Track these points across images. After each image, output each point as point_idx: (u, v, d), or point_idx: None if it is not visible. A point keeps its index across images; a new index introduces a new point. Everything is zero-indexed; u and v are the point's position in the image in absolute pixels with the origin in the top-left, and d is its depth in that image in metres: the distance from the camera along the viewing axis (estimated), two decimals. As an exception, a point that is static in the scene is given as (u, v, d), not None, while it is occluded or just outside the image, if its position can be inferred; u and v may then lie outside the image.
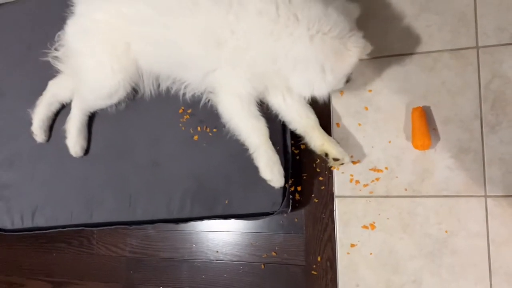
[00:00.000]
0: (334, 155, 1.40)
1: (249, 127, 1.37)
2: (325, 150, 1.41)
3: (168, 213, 1.53)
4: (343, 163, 1.41)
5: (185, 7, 1.31)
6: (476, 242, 1.31)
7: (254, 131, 1.36)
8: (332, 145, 1.40)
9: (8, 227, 1.75)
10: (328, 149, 1.40)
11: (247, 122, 1.36)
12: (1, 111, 1.79)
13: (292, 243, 1.52)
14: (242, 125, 1.37)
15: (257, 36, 1.25)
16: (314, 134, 1.41)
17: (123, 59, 1.43)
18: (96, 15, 1.43)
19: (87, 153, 1.64)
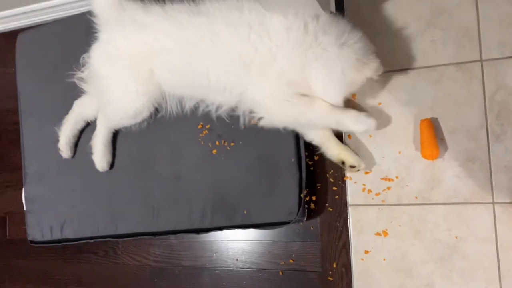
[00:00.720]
0: (351, 162, 1.46)
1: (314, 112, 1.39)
2: (342, 159, 1.47)
3: (190, 224, 1.60)
4: (359, 170, 1.47)
5: (206, 37, 1.39)
6: (485, 247, 1.36)
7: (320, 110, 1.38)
8: (348, 153, 1.46)
9: (38, 239, 1.84)
10: (345, 157, 1.46)
11: (309, 112, 1.38)
12: (30, 130, 1.89)
13: (309, 250, 1.58)
14: (308, 118, 1.39)
15: (286, 48, 1.33)
16: (330, 144, 1.47)
17: (147, 83, 1.50)
18: (120, 44, 1.51)
19: (112, 168, 1.73)
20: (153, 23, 1.47)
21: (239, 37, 1.36)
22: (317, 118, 1.39)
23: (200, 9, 1.44)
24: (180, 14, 1.44)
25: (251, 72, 1.37)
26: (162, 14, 1.47)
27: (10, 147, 2.11)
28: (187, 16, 1.43)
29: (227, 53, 1.39)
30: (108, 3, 1.56)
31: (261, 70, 1.36)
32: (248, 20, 1.35)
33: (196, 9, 1.44)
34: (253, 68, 1.37)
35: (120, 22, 1.53)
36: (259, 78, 1.37)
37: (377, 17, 1.49)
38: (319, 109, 1.37)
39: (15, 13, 1.94)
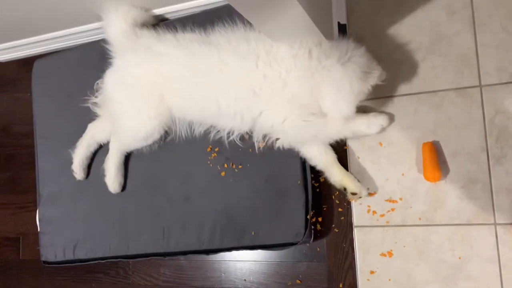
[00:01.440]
0: (352, 189, 1.50)
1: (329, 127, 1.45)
2: (343, 185, 1.52)
3: (199, 245, 1.64)
4: (360, 197, 1.51)
5: (215, 67, 1.46)
6: (488, 267, 1.39)
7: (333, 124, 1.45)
8: (350, 180, 1.51)
9: (51, 259, 1.89)
10: (347, 184, 1.51)
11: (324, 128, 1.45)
12: (45, 153, 1.96)
13: (315, 271, 1.62)
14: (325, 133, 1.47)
15: (295, 74, 1.40)
16: (333, 170, 1.52)
17: (158, 107, 1.57)
18: (135, 71, 1.59)
19: (124, 190, 1.78)
20: (166, 51, 1.54)
21: (247, 66, 1.42)
22: (333, 133, 1.47)
23: (210, 39, 1.51)
24: (191, 44, 1.52)
25: (260, 98, 1.43)
26: (174, 43, 1.54)
27: (24, 170, 2.17)
28: (198, 46, 1.50)
29: (236, 81, 1.45)
30: (122, 32, 1.64)
31: (271, 96, 1.42)
32: (255, 50, 1.42)
33: (206, 39, 1.51)
34: (263, 94, 1.42)
35: (134, 50, 1.60)
36: (270, 104, 1.43)
37: (379, 44, 1.55)
38: (334, 125, 1.44)
39: (32, 41, 2.01)
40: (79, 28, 1.91)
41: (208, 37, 1.52)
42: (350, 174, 1.53)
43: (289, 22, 1.26)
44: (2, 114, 2.26)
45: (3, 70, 2.27)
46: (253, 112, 1.46)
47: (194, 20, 1.68)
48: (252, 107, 1.45)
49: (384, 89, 1.50)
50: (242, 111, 1.47)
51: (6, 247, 2.18)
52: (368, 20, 1.60)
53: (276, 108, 1.43)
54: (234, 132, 1.56)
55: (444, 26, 1.51)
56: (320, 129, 1.45)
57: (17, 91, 2.22)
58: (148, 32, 1.65)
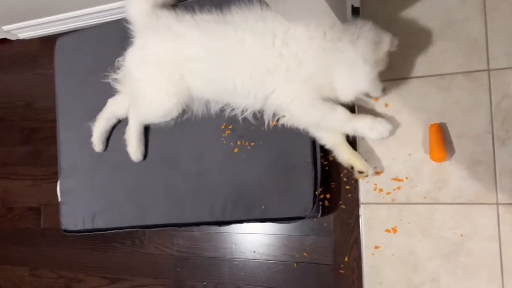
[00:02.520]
0: (359, 168, 1.56)
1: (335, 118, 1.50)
2: (351, 164, 1.57)
3: (212, 217, 1.71)
4: (367, 175, 1.57)
5: (232, 46, 1.51)
6: (489, 245, 1.45)
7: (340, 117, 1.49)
8: (357, 159, 1.56)
9: (71, 228, 1.97)
10: (354, 163, 1.56)
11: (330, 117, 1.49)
12: (66, 127, 2.03)
13: (322, 244, 1.69)
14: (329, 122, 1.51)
15: (310, 54, 1.44)
16: (341, 149, 1.57)
17: (177, 86, 1.62)
18: (155, 50, 1.64)
19: (145, 159, 1.85)
20: (185, 32, 1.60)
21: (264, 45, 1.46)
22: (336, 124, 1.51)
23: (227, 18, 1.56)
24: (209, 24, 1.57)
25: (275, 77, 1.47)
26: (193, 24, 1.60)
27: (45, 144, 2.27)
28: (215, 25, 1.55)
29: (252, 60, 1.50)
30: (143, 12, 1.70)
31: (286, 75, 1.46)
32: (272, 29, 1.46)
33: (223, 19, 1.56)
34: (278, 73, 1.47)
35: (155, 30, 1.66)
36: (284, 83, 1.48)
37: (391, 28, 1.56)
38: (339, 117, 1.49)
39: (55, 19, 2.09)
40: (100, 7, 1.98)
41: (225, 17, 1.57)
42: (358, 154, 1.58)
43: (304, 4, 1.30)
44: (25, 90, 2.35)
45: (27, 47, 2.35)
46: (267, 90, 1.51)
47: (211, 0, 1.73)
48: (266, 85, 1.50)
49: (394, 72, 1.55)
50: (256, 89, 1.52)
51: (27, 216, 2.29)
52: (381, 4, 1.63)
53: (289, 87, 1.47)
54: (248, 109, 1.61)
55: (455, 11, 1.54)
56: (324, 116, 1.49)
57: (40, 67, 2.30)
58: (168, 12, 1.70)
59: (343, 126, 1.51)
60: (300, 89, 1.47)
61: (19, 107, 2.36)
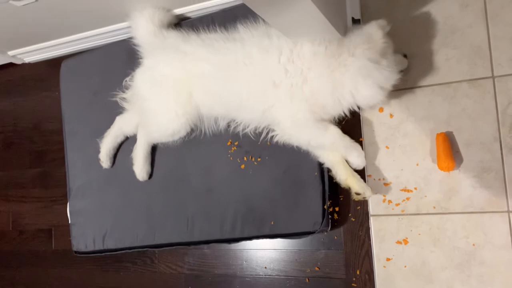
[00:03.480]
0: (356, 189, 1.53)
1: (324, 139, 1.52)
2: (348, 184, 1.55)
3: (222, 234, 1.71)
4: (364, 197, 1.54)
5: (240, 61, 1.52)
6: (502, 253, 1.43)
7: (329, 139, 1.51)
8: (355, 180, 1.53)
9: (82, 249, 1.99)
10: (351, 184, 1.54)
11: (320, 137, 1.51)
12: (74, 149, 2.06)
13: (333, 258, 1.68)
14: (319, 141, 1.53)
15: (314, 71, 1.45)
16: (339, 169, 1.55)
17: (186, 105, 1.64)
18: (164, 70, 1.67)
19: (150, 178, 1.86)
20: (192, 50, 1.62)
21: (270, 59, 1.48)
22: (328, 142, 1.51)
23: (234, 36, 1.58)
24: (216, 42, 1.59)
25: (279, 91, 1.48)
26: (199, 42, 1.62)
27: (54, 165, 2.28)
28: (222, 43, 1.58)
29: (258, 74, 1.51)
30: (150, 33, 1.73)
31: (289, 91, 1.47)
32: (278, 45, 1.47)
33: (230, 36, 1.59)
34: (282, 87, 1.48)
35: (163, 50, 1.68)
36: (284, 99, 1.48)
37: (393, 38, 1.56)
38: (331, 136, 1.50)
39: (59, 43, 2.11)
40: (104, 28, 1.99)
41: (231, 34, 1.59)
42: (356, 174, 1.55)
43: (302, 20, 1.30)
44: (32, 112, 2.38)
45: (32, 71, 2.38)
46: (267, 104, 1.52)
47: (213, 19, 1.75)
48: (268, 99, 1.51)
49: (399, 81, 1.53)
50: (258, 102, 1.53)
51: (39, 238, 2.30)
52: (382, 15, 1.63)
53: (288, 103, 1.48)
54: (250, 125, 1.62)
55: (457, 18, 1.54)
56: (316, 136, 1.50)
57: (46, 90, 2.33)
58: (174, 32, 1.72)
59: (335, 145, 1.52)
60: (297, 107, 1.48)
61: (27, 130, 2.38)
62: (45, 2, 1.68)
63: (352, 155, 1.52)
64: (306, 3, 1.17)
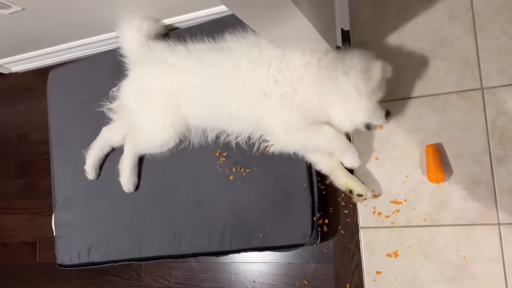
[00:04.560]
0: (358, 191, 1.53)
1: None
2: (349, 187, 1.55)
3: (209, 247, 1.68)
4: (366, 198, 1.54)
5: (229, 72, 1.51)
6: (493, 266, 1.41)
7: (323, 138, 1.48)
8: (355, 183, 1.54)
9: (67, 262, 1.94)
10: (353, 186, 1.54)
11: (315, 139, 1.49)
12: (60, 160, 2.02)
13: (323, 271, 1.65)
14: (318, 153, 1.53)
15: (305, 82, 1.44)
16: (338, 173, 1.55)
17: (174, 116, 1.62)
18: (151, 82, 1.65)
19: (137, 189, 1.83)
20: (179, 62, 1.60)
21: (259, 71, 1.47)
22: (323, 144, 1.48)
23: (221, 46, 1.56)
24: (203, 53, 1.57)
25: (269, 101, 1.47)
26: (186, 53, 1.60)
27: (40, 176, 2.24)
28: (209, 53, 1.56)
29: (248, 85, 1.50)
30: (137, 43, 1.71)
31: (279, 100, 1.46)
32: (268, 56, 1.46)
33: (218, 47, 1.57)
34: (272, 97, 1.46)
35: (150, 61, 1.66)
36: (276, 108, 1.47)
37: (383, 50, 1.59)
38: (325, 136, 1.47)
39: (46, 52, 2.09)
40: (92, 38, 1.98)
41: (219, 44, 1.58)
42: (355, 177, 1.57)
43: (292, 31, 1.30)
44: (19, 123, 2.34)
45: (19, 80, 2.35)
46: (258, 114, 1.50)
47: (202, 29, 1.74)
48: (259, 109, 1.49)
49: (389, 93, 1.53)
50: (250, 113, 1.51)
51: (23, 251, 2.25)
52: (371, 27, 1.64)
53: (279, 111, 1.46)
54: (241, 134, 1.60)
55: (446, 30, 1.54)
56: (310, 139, 1.48)
57: (33, 100, 2.30)
58: (161, 44, 1.71)
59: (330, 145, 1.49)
60: (289, 114, 1.46)
61: (13, 140, 2.34)
62: (32, 11, 1.67)
63: (347, 157, 1.49)
64: (297, 15, 1.17)
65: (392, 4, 1.61)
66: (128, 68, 1.76)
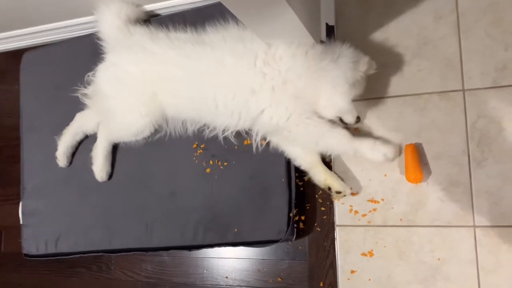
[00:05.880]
0: (337, 188, 1.51)
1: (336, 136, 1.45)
2: (328, 184, 1.52)
3: (182, 241, 1.64)
4: (345, 195, 1.52)
5: (212, 67, 1.46)
6: (467, 269, 1.41)
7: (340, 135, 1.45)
8: (334, 179, 1.52)
9: (33, 252, 1.88)
10: (331, 183, 1.52)
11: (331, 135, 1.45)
12: (31, 146, 1.95)
13: (297, 269, 1.62)
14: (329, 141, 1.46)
15: (294, 72, 1.41)
16: (317, 170, 1.53)
17: (150, 105, 1.57)
18: (128, 68, 1.59)
19: (110, 179, 1.77)
20: (160, 51, 1.55)
21: (246, 66, 1.43)
22: (336, 143, 1.45)
23: (203, 39, 1.52)
24: (185, 45, 1.52)
25: (260, 97, 1.43)
26: (168, 43, 1.55)
27: (8, 162, 2.16)
28: (191, 46, 1.51)
29: (234, 81, 1.46)
30: (115, 27, 1.65)
31: (273, 94, 1.42)
32: (252, 49, 1.43)
33: (199, 39, 1.52)
34: (263, 93, 1.43)
35: (128, 47, 1.61)
36: (272, 102, 1.43)
37: (367, 46, 1.56)
38: (340, 136, 1.44)
39: (21, 33, 2.01)
40: (69, 21, 1.91)
41: (201, 36, 1.53)
42: (334, 174, 1.54)
43: (280, 24, 1.28)
44: (-11, 106, 2.25)
45: (-8, 62, 2.26)
46: (253, 111, 1.46)
47: (185, 18, 1.70)
48: (252, 106, 1.45)
49: (371, 90, 1.52)
50: (240, 109, 1.47)
51: (-12, 240, 2.16)
52: (357, 22, 1.62)
53: (279, 105, 1.43)
54: (229, 129, 1.55)
55: (431, 30, 1.53)
56: (324, 134, 1.44)
57: (5, 83, 2.21)
58: (142, 29, 1.65)
59: (343, 145, 1.45)
60: (292, 105, 1.43)
61: (-17, 124, 2.25)
62: (5, -13, 1.60)
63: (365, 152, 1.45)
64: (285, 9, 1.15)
65: (379, 0, 1.59)
66: (104, 52, 1.70)
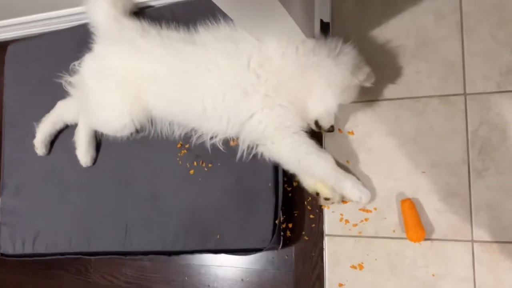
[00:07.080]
0: (325, 194, 1.42)
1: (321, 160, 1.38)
2: (316, 189, 1.43)
3: (162, 245, 1.56)
4: (333, 203, 1.43)
5: (202, 66, 1.39)
6: (463, 287, 1.31)
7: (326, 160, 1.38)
8: (324, 185, 1.42)
9: (9, 252, 1.81)
10: (320, 189, 1.43)
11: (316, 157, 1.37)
12: (13, 142, 1.88)
13: (282, 280, 1.53)
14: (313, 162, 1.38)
15: (286, 73, 1.34)
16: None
17: (133, 104, 1.50)
18: (114, 62, 1.51)
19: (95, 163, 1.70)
20: (149, 48, 1.47)
21: (239, 66, 1.36)
22: (320, 168, 1.38)
23: (194, 38, 1.44)
24: (176, 44, 1.45)
25: (253, 99, 1.36)
26: (158, 41, 1.47)
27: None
28: (183, 45, 1.44)
29: (225, 81, 1.38)
30: (110, 17, 1.57)
31: (266, 97, 1.35)
32: (245, 50, 1.36)
33: (191, 39, 1.45)
34: (256, 95, 1.35)
35: (117, 41, 1.53)
36: (264, 106, 1.36)
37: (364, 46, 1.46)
38: (326, 162, 1.37)
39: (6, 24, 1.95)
40: (55, 12, 1.85)
41: (193, 36, 1.46)
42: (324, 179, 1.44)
43: (270, 22, 1.23)
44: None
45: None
46: (243, 115, 1.38)
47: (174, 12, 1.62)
48: (242, 109, 1.38)
49: (366, 92, 1.43)
50: (229, 113, 1.40)
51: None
52: (353, 20, 1.53)
53: (271, 110, 1.36)
54: (218, 135, 1.47)
55: (431, 30, 1.44)
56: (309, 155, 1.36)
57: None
58: (133, 24, 1.56)
59: (326, 173, 1.38)
60: (283, 113, 1.35)
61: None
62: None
63: (346, 187, 1.38)
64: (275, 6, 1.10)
65: (377, -2, 1.51)
66: (93, 42, 1.62)
